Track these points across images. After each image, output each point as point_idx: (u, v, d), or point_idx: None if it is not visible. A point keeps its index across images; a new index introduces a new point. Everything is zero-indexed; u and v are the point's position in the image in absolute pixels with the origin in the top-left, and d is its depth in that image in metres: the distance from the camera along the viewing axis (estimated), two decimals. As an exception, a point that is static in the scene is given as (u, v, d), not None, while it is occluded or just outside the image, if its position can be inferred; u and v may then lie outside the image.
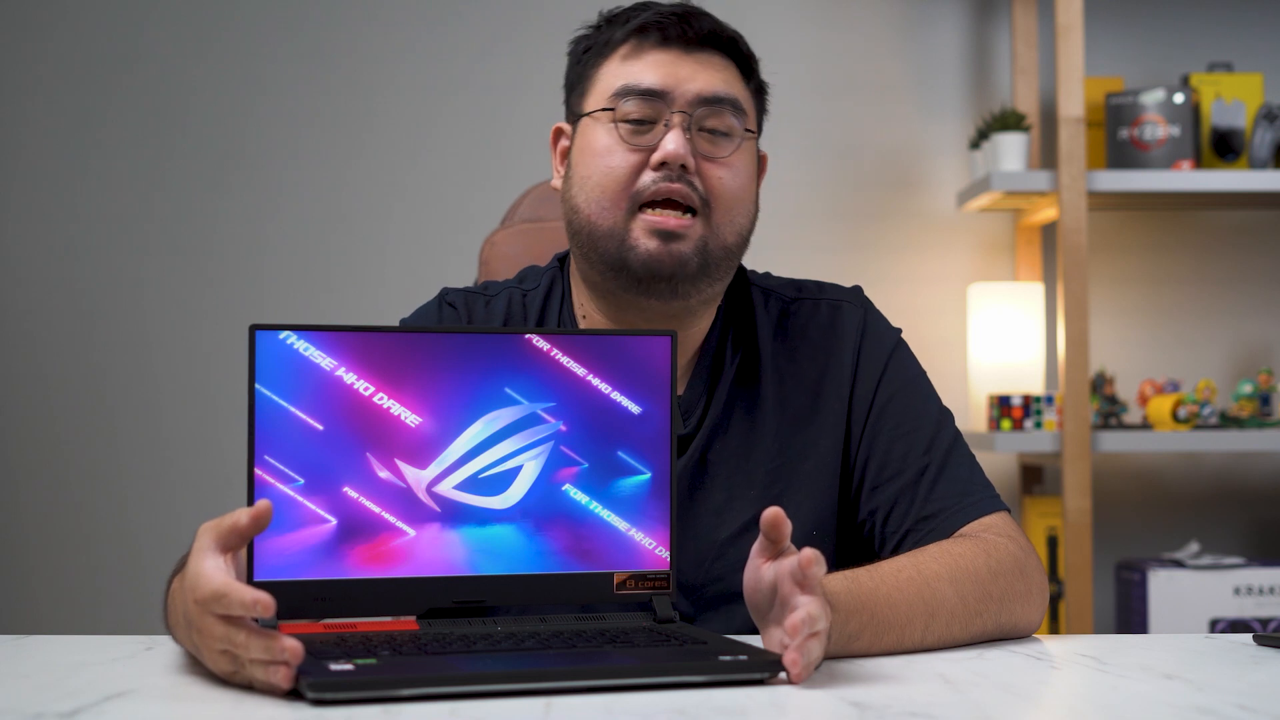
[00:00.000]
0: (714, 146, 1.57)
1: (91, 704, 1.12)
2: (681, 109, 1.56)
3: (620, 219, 1.55)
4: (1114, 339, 3.34)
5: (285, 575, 1.28)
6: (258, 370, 1.28)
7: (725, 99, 1.57)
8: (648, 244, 1.54)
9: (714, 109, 1.56)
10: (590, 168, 1.57)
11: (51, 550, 3.29)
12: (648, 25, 1.57)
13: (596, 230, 1.56)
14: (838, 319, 1.65)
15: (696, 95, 1.56)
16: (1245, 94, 3.17)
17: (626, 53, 1.58)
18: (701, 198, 1.56)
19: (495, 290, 1.69)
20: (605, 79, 1.59)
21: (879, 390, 1.62)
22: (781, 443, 1.61)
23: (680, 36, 1.57)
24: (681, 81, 1.56)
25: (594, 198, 1.57)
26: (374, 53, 3.33)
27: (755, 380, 1.63)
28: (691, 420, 1.61)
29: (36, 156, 3.33)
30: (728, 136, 1.58)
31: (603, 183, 1.56)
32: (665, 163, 1.54)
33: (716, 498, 1.60)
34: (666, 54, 1.57)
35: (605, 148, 1.57)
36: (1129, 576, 3.10)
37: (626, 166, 1.56)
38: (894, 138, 3.34)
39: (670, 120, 1.55)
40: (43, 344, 3.31)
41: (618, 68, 1.58)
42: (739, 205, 1.59)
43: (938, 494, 1.56)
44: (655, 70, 1.56)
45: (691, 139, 1.56)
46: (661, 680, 1.18)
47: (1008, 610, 1.45)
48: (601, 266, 1.58)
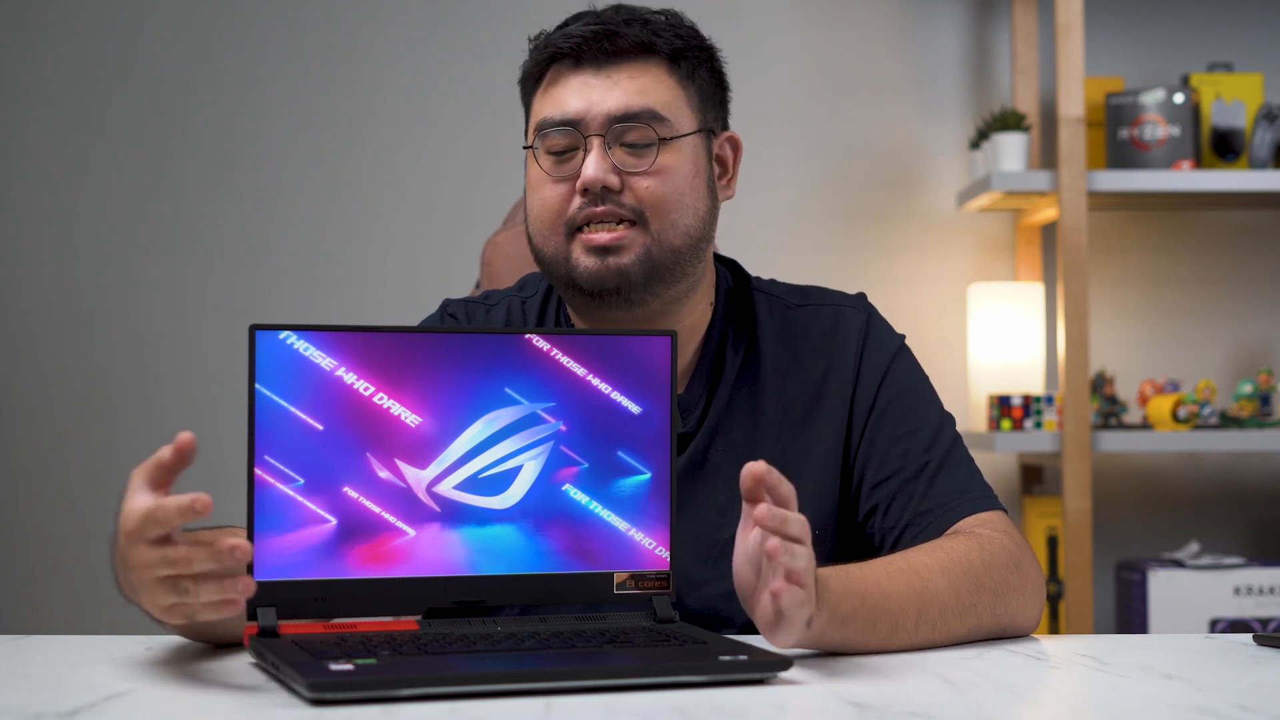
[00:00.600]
0: (636, 159, 1.59)
1: (91, 704, 1.12)
2: (595, 132, 1.58)
3: (560, 245, 1.59)
4: (1114, 339, 3.34)
5: (285, 575, 1.28)
6: (258, 370, 1.28)
7: (637, 112, 1.58)
8: (586, 262, 1.57)
9: (628, 125, 1.58)
10: (531, 201, 1.63)
11: (51, 550, 3.29)
12: (560, 52, 1.61)
13: (544, 257, 1.61)
14: (841, 323, 1.66)
15: (607, 116, 1.58)
16: (1245, 94, 3.17)
17: (547, 82, 1.62)
18: (634, 210, 1.58)
19: (495, 299, 1.72)
20: (534, 112, 1.64)
21: (880, 392, 1.63)
22: (783, 444, 1.62)
23: (592, 57, 1.59)
24: (593, 105, 1.58)
25: (536, 229, 1.62)
26: (374, 53, 3.33)
27: (757, 381, 1.64)
28: (691, 419, 1.62)
29: (36, 156, 3.33)
30: (648, 147, 1.59)
31: (541, 214, 1.61)
32: (586, 188, 1.57)
33: (718, 497, 1.60)
34: (579, 77, 1.60)
35: (536, 180, 1.62)
36: (1129, 576, 3.10)
37: (556, 196, 1.59)
38: (894, 138, 3.34)
39: (588, 144, 1.58)
40: (43, 344, 3.31)
41: (541, 100, 1.63)
42: (676, 209, 1.59)
43: (935, 490, 1.57)
44: (570, 97, 1.59)
45: (614, 156, 1.58)
46: (661, 680, 1.18)
47: (1002, 603, 1.45)
48: (561, 288, 1.62)
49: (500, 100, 3.34)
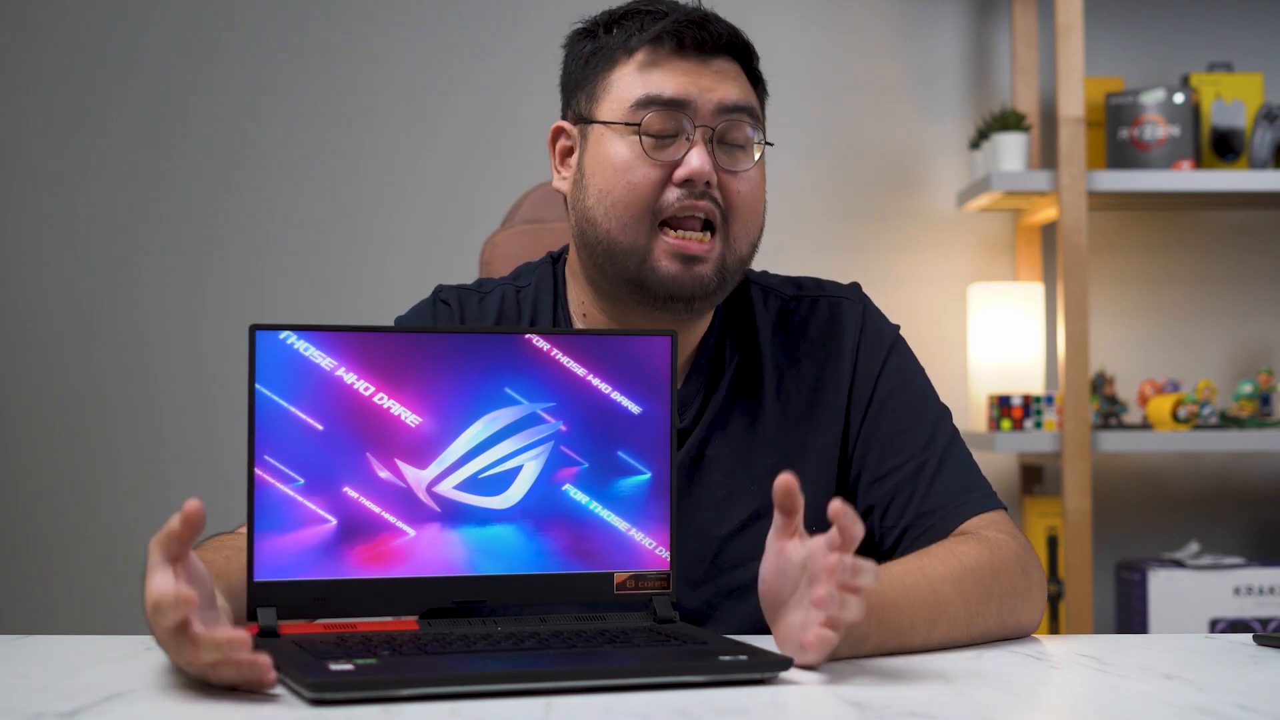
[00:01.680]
0: (733, 160, 1.56)
1: (91, 704, 1.12)
2: (704, 122, 1.54)
3: (642, 236, 1.54)
4: (1114, 339, 3.34)
5: (285, 575, 1.28)
6: (258, 370, 1.28)
7: (744, 108, 1.56)
8: (670, 267, 1.54)
9: (733, 120, 1.55)
10: (610, 181, 1.55)
11: (51, 550, 3.29)
12: (664, 33, 1.54)
13: (616, 246, 1.55)
14: (837, 316, 1.65)
15: (717, 105, 1.54)
16: (1245, 94, 3.17)
17: (643, 60, 1.55)
18: (722, 211, 1.55)
19: (489, 287, 1.69)
20: (621, 87, 1.56)
21: (877, 386, 1.62)
22: (782, 439, 1.61)
23: (696, 44, 1.55)
24: (703, 92, 1.54)
25: (615, 214, 1.54)
26: (374, 53, 3.33)
27: (755, 377, 1.63)
28: (688, 416, 1.61)
29: (36, 156, 3.33)
30: (744, 149, 1.56)
31: (625, 199, 1.54)
32: (690, 179, 1.53)
33: (716, 494, 1.60)
34: (684, 63, 1.55)
35: (626, 162, 1.54)
36: (1129, 576, 3.10)
37: (649, 182, 1.54)
38: (894, 138, 3.34)
39: (693, 135, 1.53)
40: (43, 344, 3.31)
41: (635, 76, 1.55)
42: (755, 217, 1.59)
43: (936, 490, 1.56)
44: (676, 80, 1.54)
45: (713, 152, 1.54)
46: (661, 680, 1.18)
47: (1009, 608, 1.45)
48: (616, 280, 1.57)
49: (500, 100, 3.35)
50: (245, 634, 1.12)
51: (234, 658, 1.12)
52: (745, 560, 1.56)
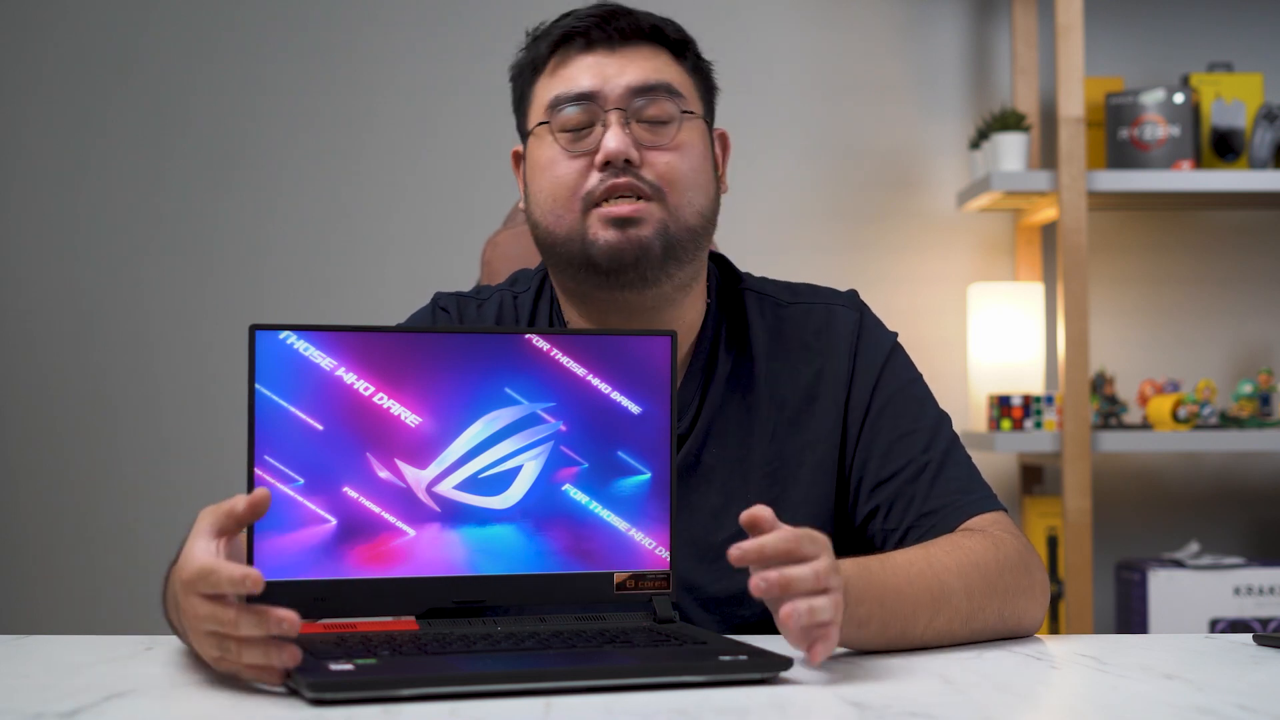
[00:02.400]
0: (655, 135, 1.58)
1: (91, 704, 1.12)
2: (615, 105, 1.57)
3: (575, 221, 1.57)
4: (1114, 339, 3.34)
5: (285, 575, 1.28)
6: (258, 370, 1.28)
7: (657, 85, 1.58)
8: (606, 235, 1.55)
9: (648, 98, 1.57)
10: (540, 181, 1.60)
11: (51, 550, 3.29)
12: (570, 33, 1.60)
13: (556, 237, 1.58)
14: (833, 322, 1.65)
15: (627, 88, 1.57)
16: (1245, 94, 3.17)
17: (555, 65, 1.61)
18: (653, 186, 1.56)
19: (487, 294, 1.70)
20: (540, 94, 1.62)
21: (876, 393, 1.62)
22: (778, 444, 1.61)
23: (604, 38, 1.59)
24: (610, 79, 1.58)
25: (548, 208, 1.59)
26: (375, 53, 3.33)
27: (750, 382, 1.63)
28: (683, 422, 1.61)
29: (36, 156, 3.33)
30: (666, 123, 1.58)
31: (554, 193, 1.58)
32: (608, 161, 1.55)
33: (713, 500, 1.59)
34: (592, 57, 1.59)
35: (549, 159, 1.59)
36: (1129, 576, 3.10)
37: (572, 173, 1.57)
38: (894, 138, 3.34)
39: (606, 119, 1.57)
40: (43, 344, 3.31)
41: (549, 81, 1.61)
42: (694, 185, 1.59)
43: (938, 491, 1.56)
44: (583, 74, 1.58)
45: (631, 132, 1.57)
46: (661, 680, 1.18)
47: (1011, 605, 1.45)
48: (570, 270, 1.59)
49: (500, 100, 3.33)
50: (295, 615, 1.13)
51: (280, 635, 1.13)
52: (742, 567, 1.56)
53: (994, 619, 1.44)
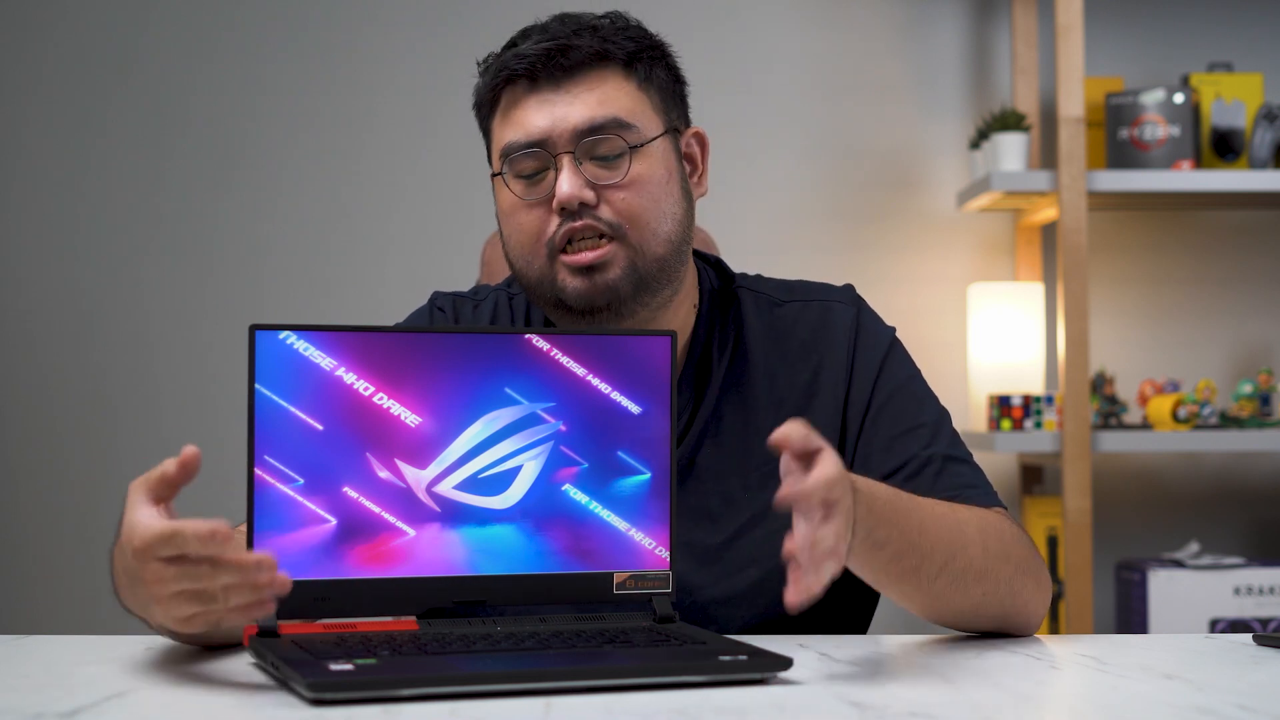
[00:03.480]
0: (609, 171, 1.55)
1: (91, 704, 1.12)
2: (564, 149, 1.55)
3: (544, 267, 1.56)
4: (1114, 339, 3.34)
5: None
6: (258, 370, 1.28)
7: (602, 124, 1.55)
8: (575, 283, 1.55)
9: (596, 136, 1.55)
10: (507, 228, 1.59)
11: (51, 550, 3.29)
12: (514, 74, 1.57)
13: (529, 280, 1.58)
14: (829, 318, 1.64)
15: (574, 131, 1.55)
16: (1245, 94, 3.17)
17: (505, 105, 1.59)
18: (612, 225, 1.55)
19: (484, 294, 1.70)
20: (496, 136, 1.60)
21: (876, 389, 1.61)
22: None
23: (548, 75, 1.56)
24: (557, 122, 1.55)
25: (517, 254, 1.58)
26: (374, 52, 3.34)
27: (746, 382, 1.62)
28: (680, 424, 1.60)
29: (36, 157, 3.33)
30: (620, 159, 1.56)
31: (519, 240, 1.57)
32: (563, 207, 1.54)
33: (710, 501, 1.59)
34: (537, 97, 1.57)
35: (510, 207, 1.58)
36: (1129, 576, 3.10)
37: (532, 220, 1.56)
38: (894, 138, 3.34)
39: (557, 163, 1.55)
40: (43, 344, 3.31)
41: (501, 124, 1.59)
42: (656, 215, 1.57)
43: (940, 486, 1.56)
44: (531, 118, 1.56)
45: (584, 171, 1.55)
46: (661, 680, 1.18)
47: (1020, 581, 1.45)
48: (548, 309, 1.59)
49: (500, 100, 3.35)
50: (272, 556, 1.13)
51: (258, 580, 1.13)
52: (742, 567, 1.56)
53: (1003, 588, 1.43)
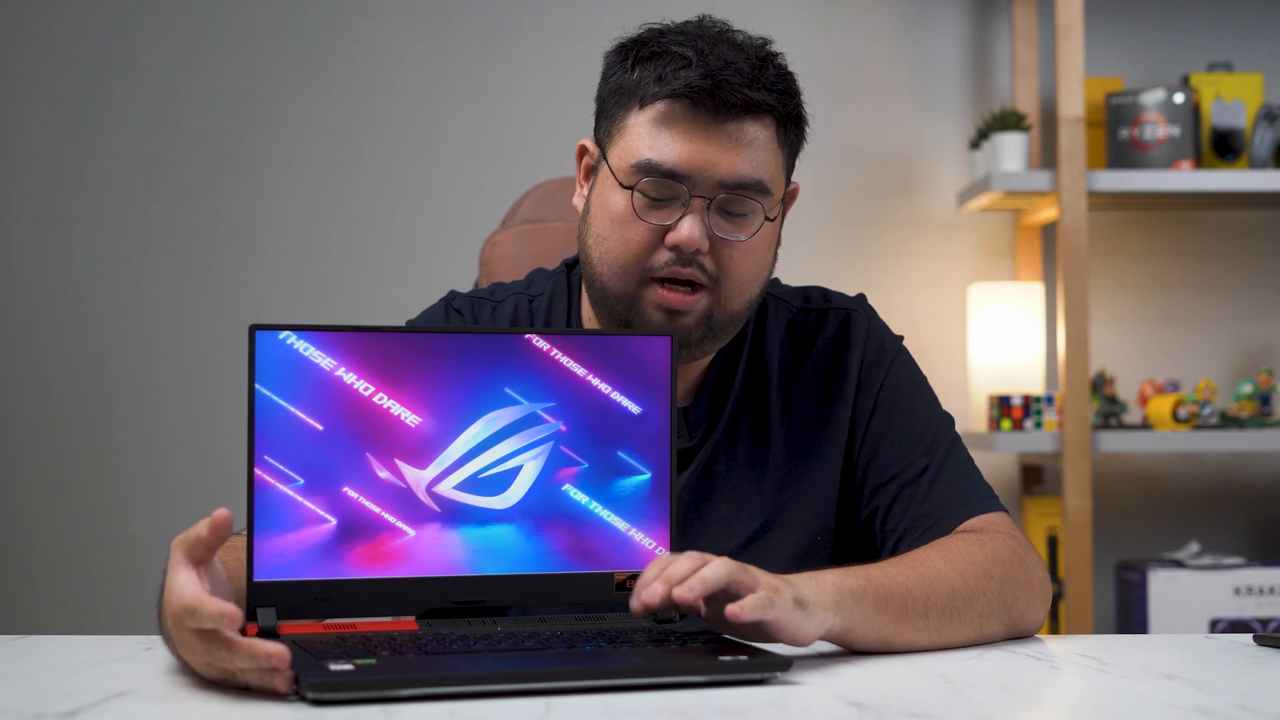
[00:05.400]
0: (732, 228, 1.53)
1: (91, 704, 1.12)
2: (702, 194, 1.51)
3: (631, 287, 1.54)
4: (1114, 339, 3.34)
5: (285, 575, 1.28)
6: (258, 370, 1.28)
7: (748, 184, 1.52)
8: (655, 316, 1.53)
9: (736, 193, 1.52)
10: (607, 229, 1.55)
11: (51, 550, 3.29)
12: (679, 94, 1.51)
13: (608, 290, 1.55)
14: (845, 329, 1.65)
15: (718, 180, 1.51)
16: (1245, 94, 3.17)
17: (655, 116, 1.52)
18: (711, 276, 1.53)
19: (502, 296, 1.69)
20: (630, 139, 1.54)
21: (880, 394, 1.63)
22: (789, 452, 1.62)
23: (712, 109, 1.51)
24: (706, 165, 1.51)
25: (607, 261, 1.54)
26: (374, 54, 3.33)
27: (763, 392, 1.63)
28: (698, 432, 1.61)
29: (37, 157, 3.33)
30: (746, 217, 1.54)
31: (616, 250, 1.54)
32: (678, 246, 1.51)
33: (723, 508, 1.60)
34: (695, 126, 1.51)
35: (621, 216, 1.53)
36: (1129, 576, 3.10)
37: (640, 241, 1.53)
38: (894, 138, 3.34)
39: (690, 203, 1.51)
40: (43, 344, 3.31)
41: (644, 132, 1.53)
42: (749, 281, 1.56)
43: (936, 493, 1.56)
44: (680, 147, 1.51)
45: (710, 218, 1.52)
46: (661, 680, 1.18)
47: (1010, 594, 1.44)
48: (608, 319, 1.58)
49: (500, 100, 3.35)
50: (285, 650, 1.13)
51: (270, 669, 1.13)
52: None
53: (995, 604, 1.42)
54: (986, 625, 1.42)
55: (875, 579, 1.35)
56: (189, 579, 1.17)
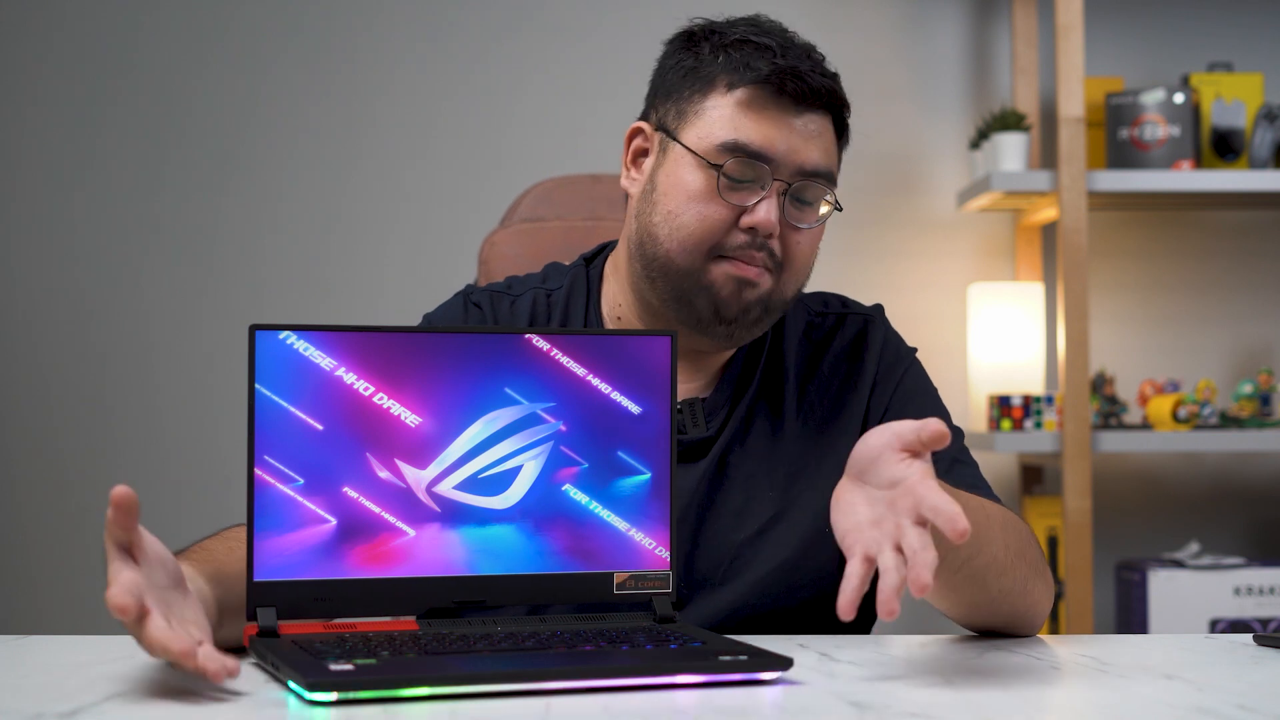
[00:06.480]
0: (801, 215, 1.59)
1: (91, 704, 1.12)
2: (782, 178, 1.56)
3: (699, 263, 1.57)
4: (1114, 339, 3.34)
5: (285, 575, 1.28)
6: (258, 370, 1.28)
7: (823, 173, 1.58)
8: (728, 286, 1.57)
9: (811, 183, 1.58)
10: (681, 206, 1.57)
11: (51, 550, 3.29)
12: (766, 79, 1.55)
13: (672, 267, 1.58)
14: (864, 335, 1.70)
15: (799, 167, 1.57)
16: (1245, 94, 3.17)
17: (738, 100, 1.56)
18: (776, 261, 1.58)
19: (520, 290, 1.70)
20: (711, 120, 1.57)
21: (894, 396, 1.67)
22: (803, 447, 1.64)
23: (794, 95, 1.56)
24: (789, 152, 1.56)
25: (678, 238, 1.57)
26: (373, 53, 3.33)
27: (780, 386, 1.67)
28: (715, 423, 1.63)
29: (37, 157, 3.33)
30: (813, 206, 1.59)
31: (691, 227, 1.56)
32: (754, 228, 1.55)
33: (735, 500, 1.62)
34: (777, 112, 1.56)
35: (700, 194, 1.56)
36: (1129, 576, 3.10)
37: (718, 219, 1.56)
38: (894, 138, 3.34)
39: (768, 186, 1.56)
40: (43, 344, 3.31)
41: (728, 114, 1.56)
42: (805, 271, 1.63)
43: (953, 481, 1.59)
44: (765, 132, 1.55)
45: (783, 205, 1.57)
46: (661, 680, 1.18)
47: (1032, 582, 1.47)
48: (665, 295, 1.60)
49: (500, 100, 3.35)
50: (192, 645, 1.11)
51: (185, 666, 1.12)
52: (756, 564, 1.58)
53: (1019, 586, 1.45)
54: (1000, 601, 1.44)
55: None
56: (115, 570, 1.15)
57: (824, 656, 1.33)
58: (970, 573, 1.39)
